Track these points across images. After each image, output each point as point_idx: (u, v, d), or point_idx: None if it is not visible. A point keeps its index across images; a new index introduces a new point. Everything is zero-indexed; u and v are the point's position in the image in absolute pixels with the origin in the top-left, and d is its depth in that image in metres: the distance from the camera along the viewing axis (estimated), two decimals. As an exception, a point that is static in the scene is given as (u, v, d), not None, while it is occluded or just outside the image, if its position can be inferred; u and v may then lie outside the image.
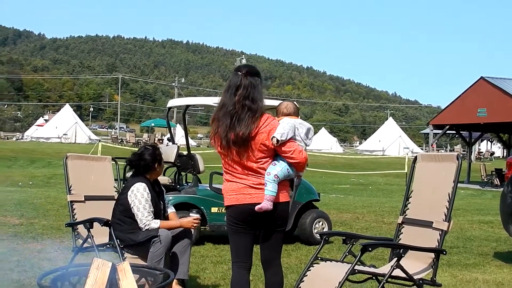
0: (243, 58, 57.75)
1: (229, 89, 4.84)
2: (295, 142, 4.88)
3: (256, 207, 4.75)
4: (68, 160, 6.99)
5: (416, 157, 5.86)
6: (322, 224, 10.28)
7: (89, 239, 6.21)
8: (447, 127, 32.04)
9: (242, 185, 4.83)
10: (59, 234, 9.74)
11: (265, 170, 4.81)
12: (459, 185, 5.27)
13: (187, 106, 10.97)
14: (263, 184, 4.79)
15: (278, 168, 4.82)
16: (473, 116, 29.22)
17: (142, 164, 6.44)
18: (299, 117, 5.36)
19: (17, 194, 16.24)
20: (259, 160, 4.80)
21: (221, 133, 4.77)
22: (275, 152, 4.84)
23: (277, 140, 4.70)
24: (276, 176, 4.78)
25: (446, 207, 5.18)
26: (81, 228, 6.48)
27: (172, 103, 11.30)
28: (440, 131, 33.80)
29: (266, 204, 4.75)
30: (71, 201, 6.85)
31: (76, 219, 6.73)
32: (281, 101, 5.68)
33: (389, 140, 76.53)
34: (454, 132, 35.57)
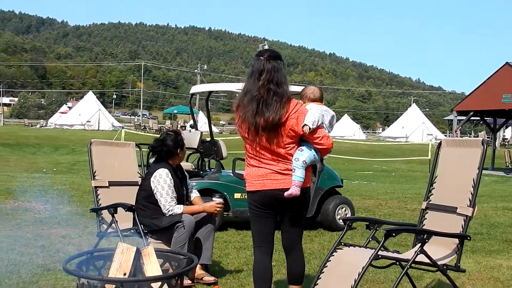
0: (265, 45, 57.68)
1: (252, 75, 4.81)
2: (323, 129, 4.89)
3: (286, 193, 4.76)
4: (92, 146, 7.03)
5: (440, 142, 5.82)
6: (345, 210, 10.26)
7: (113, 224, 6.26)
8: (471, 113, 31.70)
9: (269, 171, 4.83)
10: (83, 220, 9.81)
11: (292, 156, 4.82)
12: (483, 171, 5.22)
13: (210, 92, 10.97)
14: (290, 170, 4.80)
15: (306, 154, 4.83)
16: (497, 102, 28.87)
17: (165, 150, 6.45)
18: (323, 103, 5.35)
19: (41, 180, 16.38)
20: (287, 146, 4.80)
21: (249, 118, 4.74)
22: (301, 137, 4.84)
23: (309, 128, 4.72)
24: (304, 162, 4.80)
25: (471, 193, 5.14)
26: (105, 214, 6.52)
27: (195, 89, 11.31)
28: (464, 118, 33.44)
29: (295, 190, 4.77)
30: (95, 187, 6.89)
31: (100, 204, 6.77)
32: (304, 86, 5.64)
33: (413, 126, 76.09)
34: (479, 118, 35.22)
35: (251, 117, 4.74)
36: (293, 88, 5.45)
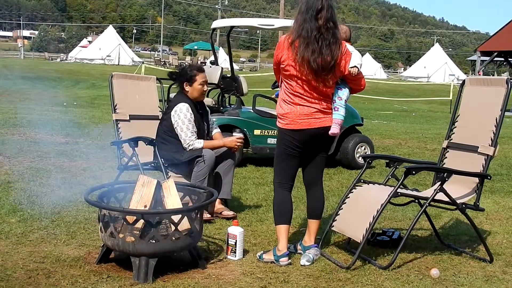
0: (287, -19, 56.67)
1: (308, 11, 4.69)
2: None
3: (330, 132, 4.88)
4: (113, 79, 7.01)
5: (464, 81, 5.75)
6: (365, 149, 10.23)
7: (134, 158, 6.29)
8: (495, 54, 31.22)
9: (314, 110, 4.84)
10: (104, 153, 9.88)
11: (331, 95, 4.91)
12: (505, 113, 5.17)
13: (232, 27, 10.87)
14: (330, 109, 4.90)
15: (345, 93, 5.00)
16: (522, 42, 28.39)
17: (185, 75, 6.39)
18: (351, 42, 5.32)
19: (62, 114, 16.44)
20: (332, 85, 4.89)
21: (309, 56, 4.66)
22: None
23: (357, 69, 4.86)
24: (345, 101, 4.96)
25: (493, 132, 5.11)
26: (126, 147, 6.54)
27: (217, 23, 11.20)
28: (487, 58, 32.96)
29: (337, 128, 4.90)
30: (116, 120, 6.90)
31: (121, 138, 6.79)
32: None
33: (435, 66, 75.36)
34: (503, 59, 34.72)
35: (310, 56, 4.66)
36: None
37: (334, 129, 4.88)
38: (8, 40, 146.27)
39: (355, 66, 4.81)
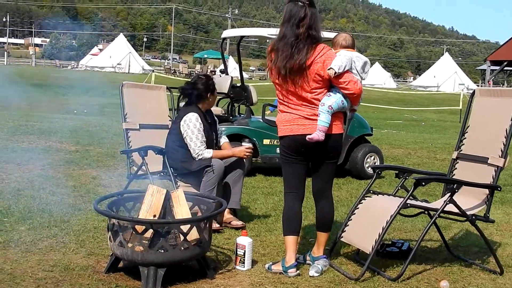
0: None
1: (290, 20, 4.73)
2: (350, 74, 4.83)
3: (307, 137, 4.76)
4: (124, 88, 7.04)
5: (474, 92, 5.74)
6: (374, 159, 10.23)
7: (143, 167, 6.31)
8: (505, 63, 31.17)
9: (296, 116, 4.83)
10: (113, 162, 9.91)
11: (320, 101, 4.79)
12: (516, 123, 5.16)
13: (242, 36, 10.89)
14: (317, 115, 4.78)
15: (333, 99, 4.80)
16: (533, 52, 28.33)
17: (195, 93, 6.43)
18: (356, 49, 5.27)
19: (72, 121, 16.48)
20: (313, 91, 4.78)
21: (279, 63, 4.72)
22: (330, 83, 4.82)
23: (335, 72, 4.67)
24: (330, 107, 4.76)
25: (503, 143, 5.10)
26: (135, 156, 6.57)
27: (227, 33, 11.23)
28: (497, 68, 32.89)
29: (317, 135, 4.74)
30: (126, 129, 6.93)
31: (131, 146, 6.82)
32: (337, 33, 5.57)
33: (444, 76, 75.13)
34: (513, 68, 34.67)
35: (281, 62, 4.71)
36: (326, 34, 5.40)
37: (313, 135, 4.74)
38: (19, 47, 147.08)
39: (331, 68, 4.67)
